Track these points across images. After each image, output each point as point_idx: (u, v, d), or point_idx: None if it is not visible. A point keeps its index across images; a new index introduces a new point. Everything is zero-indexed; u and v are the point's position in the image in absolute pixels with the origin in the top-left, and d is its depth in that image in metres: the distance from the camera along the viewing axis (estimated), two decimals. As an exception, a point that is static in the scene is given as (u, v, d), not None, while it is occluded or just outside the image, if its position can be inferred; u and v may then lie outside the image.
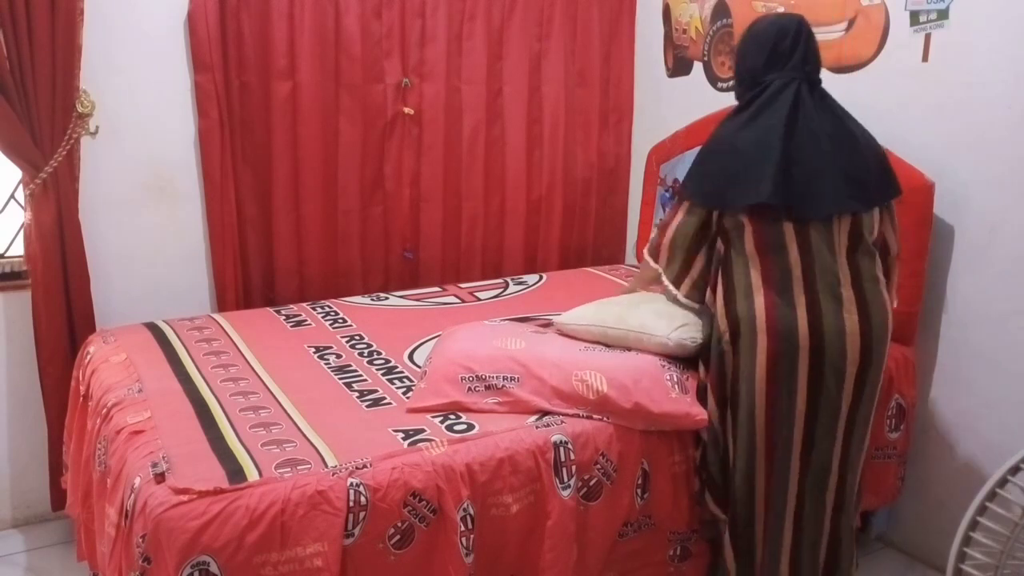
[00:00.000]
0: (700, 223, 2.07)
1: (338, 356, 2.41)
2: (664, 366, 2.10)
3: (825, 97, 2.03)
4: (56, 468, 2.62)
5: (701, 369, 2.13)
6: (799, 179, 1.93)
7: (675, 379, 2.08)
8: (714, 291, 2.08)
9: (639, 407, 2.00)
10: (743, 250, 1.99)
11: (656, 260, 2.19)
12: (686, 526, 2.12)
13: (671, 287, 2.15)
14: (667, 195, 3.32)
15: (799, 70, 2.01)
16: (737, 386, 2.01)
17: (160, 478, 1.68)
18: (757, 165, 1.94)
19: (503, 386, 2.06)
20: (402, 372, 2.29)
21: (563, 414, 2.02)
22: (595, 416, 2.02)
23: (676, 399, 2.04)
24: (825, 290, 1.95)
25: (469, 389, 2.06)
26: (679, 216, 2.11)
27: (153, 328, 2.59)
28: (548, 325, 2.55)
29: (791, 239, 1.95)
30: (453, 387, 2.07)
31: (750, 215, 1.96)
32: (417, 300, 2.95)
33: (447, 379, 2.08)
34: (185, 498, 1.62)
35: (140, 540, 1.62)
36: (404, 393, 2.14)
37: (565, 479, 1.92)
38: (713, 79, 3.19)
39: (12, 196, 2.74)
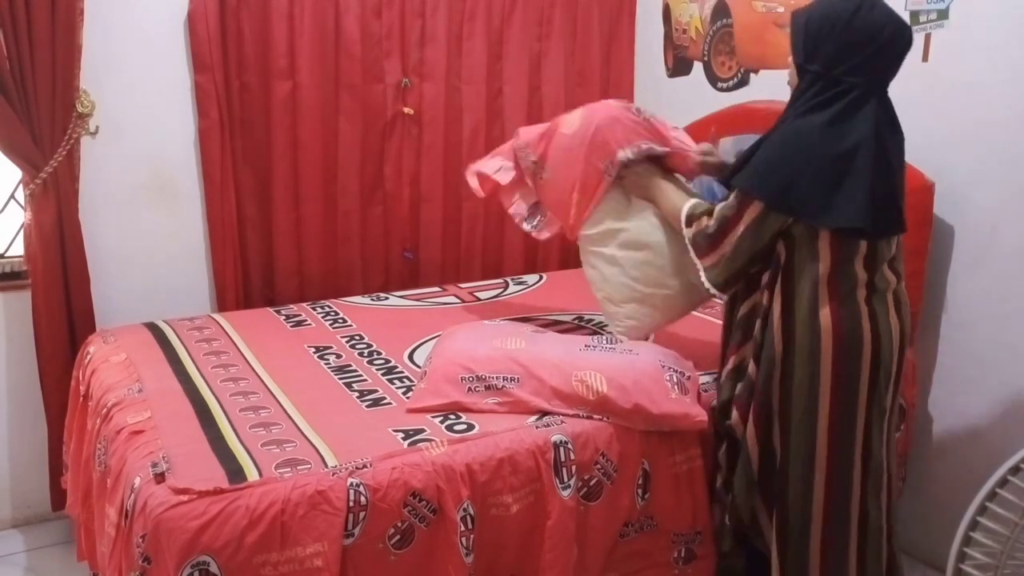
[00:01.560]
0: (776, 231, 1.87)
1: (338, 356, 2.41)
2: (664, 367, 2.10)
3: (889, 109, 1.90)
4: (56, 468, 2.62)
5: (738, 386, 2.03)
6: (882, 198, 1.84)
7: (675, 380, 2.07)
8: (768, 301, 1.93)
9: (639, 408, 2.00)
10: (813, 259, 1.86)
11: (702, 254, 1.99)
12: (688, 527, 2.11)
13: (709, 286, 2.01)
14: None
15: (883, 83, 1.86)
16: (789, 399, 1.92)
17: (160, 478, 1.68)
18: (853, 182, 1.79)
19: (503, 386, 2.06)
20: (402, 372, 2.29)
21: (563, 414, 2.02)
22: (595, 416, 2.02)
23: (676, 400, 2.03)
24: (879, 296, 1.91)
25: (469, 389, 2.06)
26: (750, 219, 1.88)
27: (153, 328, 2.59)
28: (549, 326, 2.56)
29: (860, 252, 1.87)
30: (453, 387, 2.07)
31: (836, 239, 1.84)
32: (417, 300, 2.95)
33: (447, 379, 2.08)
34: (185, 498, 1.62)
35: (140, 540, 1.62)
36: (404, 393, 2.14)
37: (565, 479, 1.92)
38: (713, 79, 3.19)
39: (12, 196, 2.74)
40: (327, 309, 2.82)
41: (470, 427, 1.96)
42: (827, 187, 1.81)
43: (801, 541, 1.96)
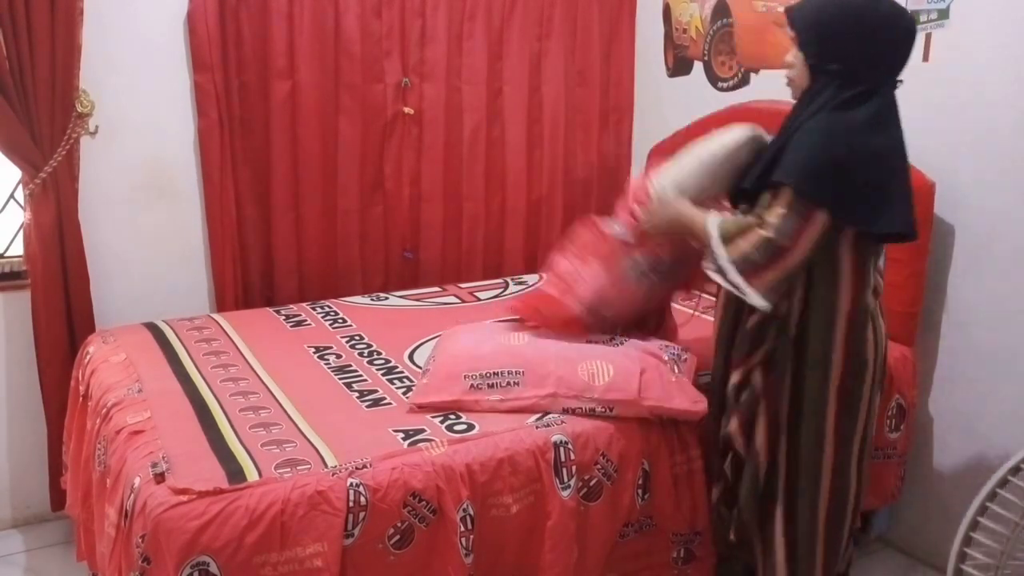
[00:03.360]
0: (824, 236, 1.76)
1: (338, 356, 2.41)
2: (663, 347, 2.13)
3: None
4: (56, 468, 2.62)
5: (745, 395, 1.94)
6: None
7: (678, 370, 2.09)
8: (787, 310, 1.85)
9: (644, 395, 2.00)
10: (833, 268, 1.81)
11: (758, 272, 1.75)
12: (688, 528, 2.12)
13: (760, 300, 1.77)
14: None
15: (895, 82, 1.80)
16: (800, 412, 1.88)
17: (160, 478, 1.68)
18: (899, 186, 1.76)
19: (507, 383, 2.06)
20: (402, 372, 2.29)
21: (565, 408, 2.02)
22: (598, 409, 2.02)
23: (677, 381, 2.05)
24: (878, 305, 1.91)
25: (472, 387, 2.06)
26: (815, 229, 1.73)
27: (153, 328, 2.58)
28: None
29: (874, 260, 1.85)
30: (456, 384, 2.07)
31: (859, 241, 1.80)
32: (417, 300, 2.95)
33: (450, 376, 2.08)
34: (185, 498, 1.62)
35: (140, 540, 1.62)
36: (404, 393, 2.14)
37: (565, 479, 1.92)
38: (713, 79, 3.19)
39: (12, 196, 2.74)
40: (327, 309, 2.82)
41: (470, 427, 1.96)
42: (879, 191, 1.75)
43: (808, 555, 1.95)
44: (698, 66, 3.26)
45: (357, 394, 2.14)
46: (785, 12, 1.87)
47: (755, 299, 1.77)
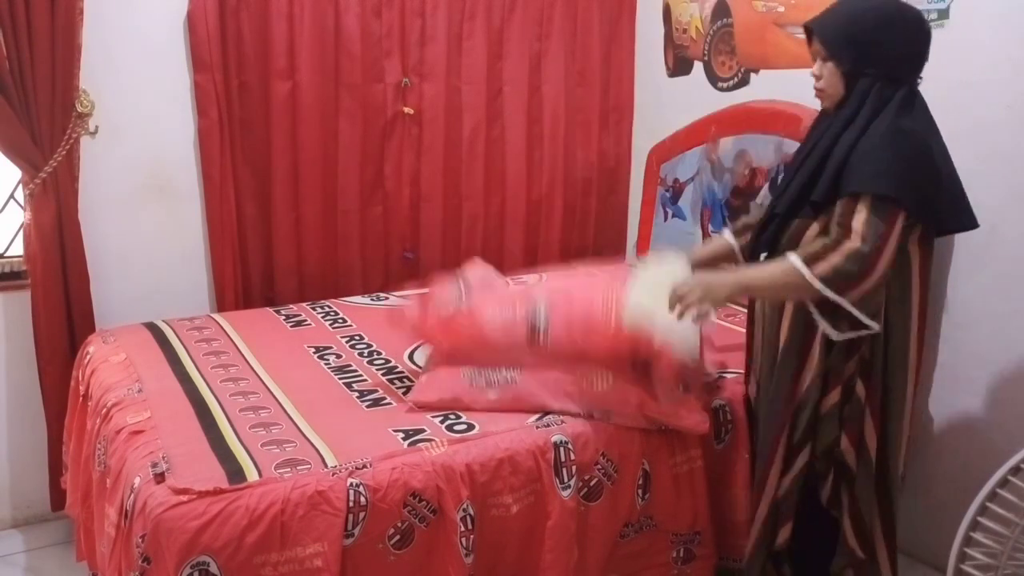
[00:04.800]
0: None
1: (338, 356, 2.41)
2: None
3: None
4: (56, 468, 2.62)
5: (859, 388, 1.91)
6: None
7: (683, 388, 2.07)
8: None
9: (643, 410, 2.00)
10: (907, 271, 1.85)
11: (854, 283, 1.72)
12: (688, 528, 2.12)
13: (867, 320, 1.77)
14: (667, 195, 3.32)
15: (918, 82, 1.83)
16: (889, 414, 1.92)
17: (160, 478, 1.68)
18: (958, 187, 1.83)
19: (505, 381, 2.06)
20: (402, 372, 2.29)
21: (564, 412, 2.02)
22: (596, 415, 2.02)
23: (681, 398, 2.03)
24: None
25: (471, 384, 2.06)
26: (897, 229, 1.73)
27: (153, 328, 2.59)
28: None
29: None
30: (455, 381, 2.07)
31: (924, 237, 1.84)
32: (417, 300, 2.95)
33: (449, 373, 2.08)
34: (185, 498, 1.62)
35: (140, 540, 1.62)
36: (404, 393, 2.14)
37: (565, 479, 1.92)
38: (714, 79, 3.19)
39: (12, 196, 2.74)
40: (327, 309, 2.82)
41: (470, 427, 1.96)
42: (950, 193, 1.82)
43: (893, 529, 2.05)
44: (698, 66, 3.26)
45: (357, 394, 2.15)
46: (806, 28, 1.88)
47: (853, 310, 1.76)
